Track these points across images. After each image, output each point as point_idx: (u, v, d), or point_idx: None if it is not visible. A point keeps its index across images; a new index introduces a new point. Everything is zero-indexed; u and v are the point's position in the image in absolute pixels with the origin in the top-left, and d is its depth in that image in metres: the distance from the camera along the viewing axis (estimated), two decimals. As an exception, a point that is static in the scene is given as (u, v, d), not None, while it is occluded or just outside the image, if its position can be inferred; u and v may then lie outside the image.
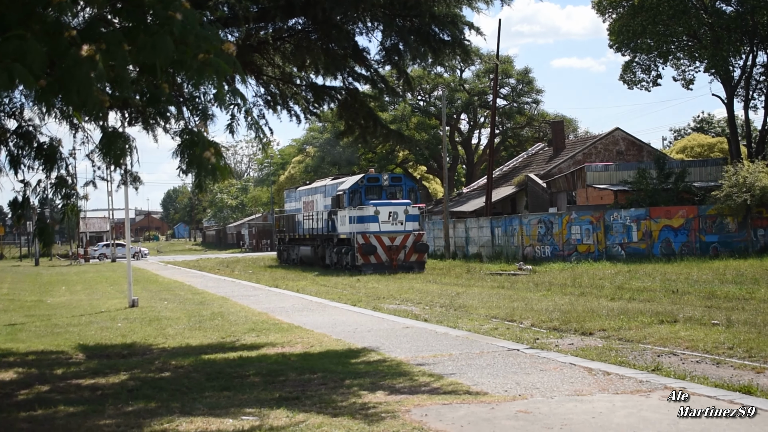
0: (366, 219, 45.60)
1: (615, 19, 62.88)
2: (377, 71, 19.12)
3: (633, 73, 65.90)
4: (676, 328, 18.65)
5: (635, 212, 46.69)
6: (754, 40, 61.23)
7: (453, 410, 11.47)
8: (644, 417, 10.84)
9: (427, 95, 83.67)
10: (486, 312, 24.04)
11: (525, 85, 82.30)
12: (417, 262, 45.50)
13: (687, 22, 59.45)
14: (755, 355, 15.17)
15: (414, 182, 50.40)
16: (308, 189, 58.42)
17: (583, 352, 16.45)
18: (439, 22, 17.62)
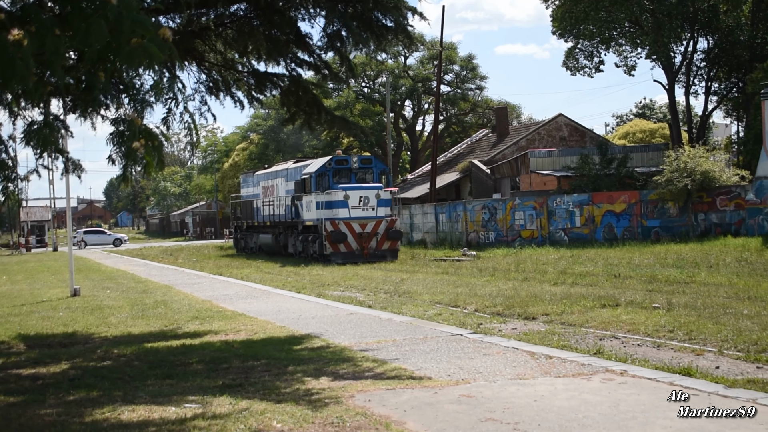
0: (335, 204, 42.65)
1: (558, 6, 63.19)
2: (320, 57, 19.06)
3: (576, 60, 66.31)
4: (617, 312, 18.80)
5: (578, 198, 46.98)
6: (695, 27, 61.81)
7: (396, 395, 11.50)
8: (585, 400, 10.94)
9: (371, 82, 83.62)
10: (430, 298, 24.11)
11: (469, 72, 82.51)
12: (390, 250, 42.77)
13: (629, 9, 59.89)
14: (695, 337, 15.34)
15: (385, 164, 46.37)
16: (267, 173, 55.80)
17: (526, 336, 16.55)
18: (381, 7, 17.58)
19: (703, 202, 45.26)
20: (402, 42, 18.57)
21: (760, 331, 15.31)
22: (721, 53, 63.54)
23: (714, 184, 44.61)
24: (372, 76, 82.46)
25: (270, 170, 55.75)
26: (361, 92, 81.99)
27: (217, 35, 18.75)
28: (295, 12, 17.93)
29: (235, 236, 63.25)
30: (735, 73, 64.75)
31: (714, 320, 16.84)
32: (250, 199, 58.28)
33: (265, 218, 54.23)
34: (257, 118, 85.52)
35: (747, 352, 13.71)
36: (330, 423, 10.14)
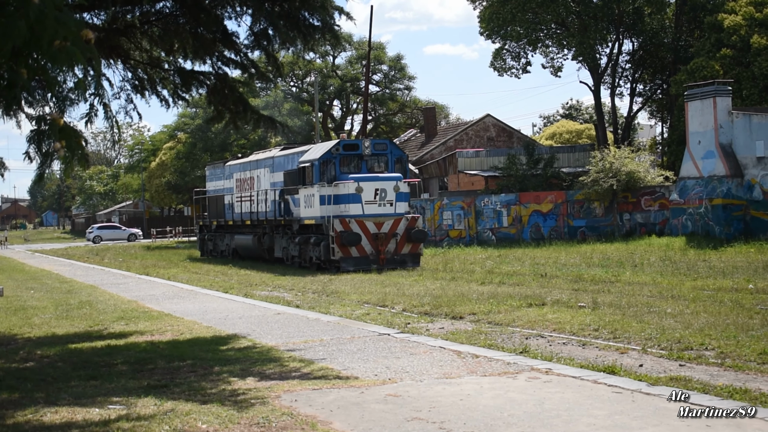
0: (345, 199, 34.81)
1: (485, 7, 63.50)
2: (247, 56, 18.97)
3: (503, 61, 66.67)
4: (544, 311, 18.94)
5: (505, 198, 47.31)
6: (620, 29, 62.54)
7: (323, 395, 11.48)
8: (511, 398, 11.01)
9: (299, 81, 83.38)
10: (358, 297, 24.12)
11: (397, 72, 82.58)
12: (411, 255, 35.05)
13: (555, 11, 60.37)
14: (619, 336, 15.50)
15: (402, 150, 38.36)
16: (244, 163, 47.19)
17: (453, 335, 16.62)
18: (308, 6, 17.55)
19: (628, 202, 45.81)
20: (329, 41, 18.59)
21: (682, 329, 15.51)
22: (645, 55, 64.37)
23: (639, 184, 45.20)
24: (300, 76, 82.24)
25: (247, 160, 47.35)
26: (290, 91, 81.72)
27: (143, 33, 18.57)
28: (222, 10, 17.82)
29: (201, 237, 54.03)
30: (659, 74, 65.65)
31: (638, 319, 17.03)
32: (220, 195, 49.97)
33: (241, 216, 45.96)
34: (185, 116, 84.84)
35: (670, 350, 13.89)
36: (256, 423, 10.10)
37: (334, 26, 18.00)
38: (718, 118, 39.59)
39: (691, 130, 41.27)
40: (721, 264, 28.64)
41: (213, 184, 52.40)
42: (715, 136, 39.63)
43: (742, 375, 12.00)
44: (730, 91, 40.78)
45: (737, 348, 13.46)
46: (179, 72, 19.32)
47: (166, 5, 18.19)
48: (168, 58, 19.99)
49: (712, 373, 12.23)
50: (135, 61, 19.38)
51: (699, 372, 12.30)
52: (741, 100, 48.01)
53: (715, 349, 13.64)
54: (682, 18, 61.17)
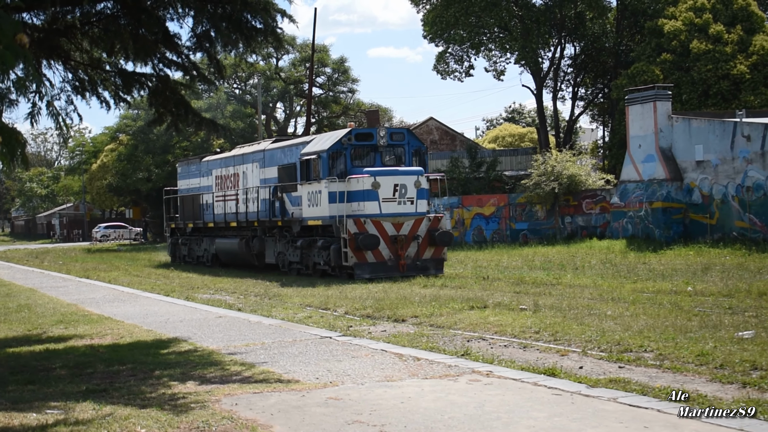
0: (359, 195, 30.52)
1: (429, 10, 63.68)
2: (189, 58, 18.87)
3: (446, 64, 66.88)
4: (485, 314, 19.00)
5: (448, 200, 47.43)
6: (562, 33, 63.05)
7: (264, 398, 11.45)
8: (452, 401, 11.04)
9: (242, 83, 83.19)
10: (300, 300, 24.07)
11: (341, 75, 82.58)
12: (433, 261, 30.79)
13: (498, 14, 60.69)
14: (560, 338, 15.60)
15: (421, 141, 33.86)
16: (226, 158, 42.32)
17: (395, 338, 16.63)
18: (251, 9, 17.50)
19: (570, 205, 46.16)
20: (271, 44, 18.55)
21: (622, 331, 15.63)
22: (587, 59, 64.95)
23: (580, 187, 45.57)
24: (243, 78, 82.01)
25: (230, 154, 42.52)
26: (233, 94, 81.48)
27: (84, 34, 18.40)
28: (164, 11, 17.71)
29: (172, 241, 48.08)
30: (600, 79, 66.26)
31: (579, 321, 17.15)
32: (195, 194, 44.82)
33: (225, 218, 40.71)
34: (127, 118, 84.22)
35: (610, 352, 13.99)
36: (195, 427, 10.04)
37: (277, 29, 17.98)
38: (659, 123, 39.99)
39: (632, 134, 41.65)
40: (660, 267, 28.93)
41: (186, 183, 47.06)
42: (656, 140, 40.03)
43: (680, 376, 12.12)
44: (670, 95, 41.22)
45: (676, 350, 13.58)
46: (120, 73, 19.18)
47: (107, 6, 18.03)
48: (109, 60, 19.82)
49: (650, 374, 12.34)
50: (75, 62, 19.20)
51: (638, 374, 12.40)
52: (681, 104, 48.54)
53: (654, 351, 13.76)
54: (623, 23, 61.81)
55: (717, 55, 49.47)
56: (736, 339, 14.26)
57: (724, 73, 49.26)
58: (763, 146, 35.51)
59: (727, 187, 37.31)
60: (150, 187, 79.83)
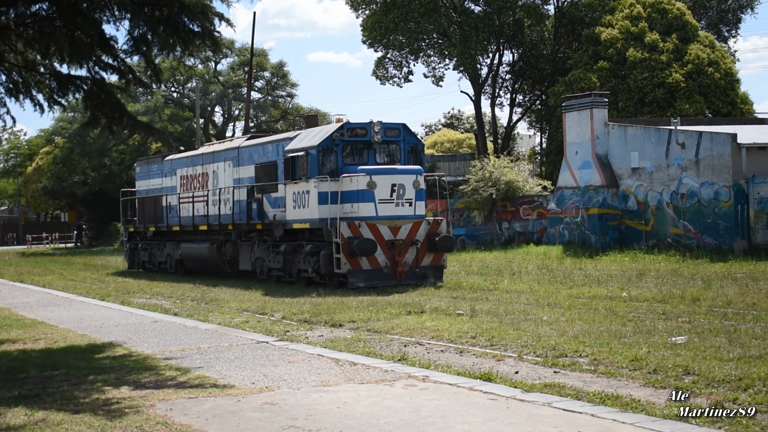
0: (353, 196, 27.93)
1: (368, 16, 63.72)
2: (125, 61, 18.72)
3: (385, 69, 66.95)
4: (422, 319, 19.05)
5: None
6: (501, 40, 63.42)
7: (199, 404, 11.38)
8: (388, 406, 11.04)
9: (181, 87, 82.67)
10: (238, 305, 23.98)
11: (280, 79, 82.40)
12: (432, 268, 28.47)
13: (437, 21, 60.92)
14: (496, 343, 15.66)
15: (417, 138, 31.36)
16: (193, 157, 39.33)
17: (332, 343, 16.62)
18: (189, 12, 17.39)
19: (507, 211, 46.41)
20: (209, 47, 18.43)
21: (558, 336, 15.74)
22: (525, 66, 65.41)
23: (518, 193, 45.82)
24: (182, 81, 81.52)
25: (198, 152, 39.70)
26: (171, 97, 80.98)
27: (18, 35, 18.19)
28: (100, 14, 17.55)
29: (130, 247, 44.33)
30: (538, 85, 66.80)
31: (515, 326, 17.24)
32: (157, 195, 41.74)
33: (193, 221, 37.46)
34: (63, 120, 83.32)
35: (545, 357, 14.07)
36: (129, 433, 9.96)
37: (214, 32, 17.88)
38: (595, 129, 40.35)
39: (569, 141, 41.99)
40: (596, 272, 29.18)
41: (146, 183, 43.74)
42: (592, 146, 40.38)
43: (615, 381, 12.22)
44: (606, 102, 41.60)
45: (610, 355, 13.70)
46: (55, 76, 18.98)
47: (42, 7, 17.83)
48: (44, 62, 19.62)
49: (585, 379, 12.43)
50: (9, 64, 18.98)
51: (573, 378, 12.49)
52: (617, 111, 49.09)
53: (588, 356, 13.87)
54: (560, 30, 62.36)
55: (653, 64, 50.11)
56: (670, 344, 14.42)
57: (659, 82, 49.90)
58: (698, 154, 35.95)
59: (662, 194, 37.72)
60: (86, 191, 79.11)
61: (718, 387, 11.30)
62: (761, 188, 33.72)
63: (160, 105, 77.17)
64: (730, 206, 34.52)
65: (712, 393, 10.99)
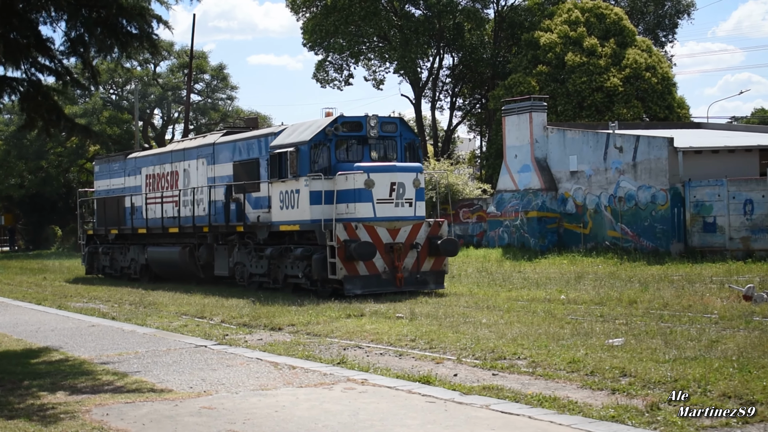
0: (349, 196, 25.80)
1: (309, 19, 63.72)
2: (62, 63, 18.53)
3: (326, 72, 67.01)
4: (362, 322, 19.05)
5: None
6: (441, 44, 63.69)
7: (136, 408, 11.29)
8: (326, 409, 11.03)
9: (119, 89, 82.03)
10: (176, 309, 23.82)
11: (220, 81, 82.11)
12: (433, 273, 26.27)
13: (377, 24, 61.07)
14: (435, 346, 15.70)
15: (414, 133, 29.39)
16: (160, 155, 36.79)
17: (271, 347, 16.57)
18: (126, 14, 17.26)
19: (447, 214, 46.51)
20: (147, 50, 18.29)
21: (496, 339, 15.81)
22: (465, 70, 65.77)
23: (458, 196, 45.99)
24: (120, 83, 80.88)
25: (166, 150, 37.28)
26: (109, 99, 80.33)
27: (-48, 36, 17.95)
28: (36, 15, 17.38)
29: (90, 251, 40.98)
30: (478, 89, 67.17)
31: (454, 329, 17.28)
32: (119, 195, 38.92)
33: (162, 222, 34.75)
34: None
35: (484, 360, 14.13)
36: (65, 439, 9.86)
37: (152, 35, 17.76)
38: (534, 133, 40.63)
39: (508, 144, 42.24)
40: (535, 275, 29.37)
41: (107, 183, 40.69)
42: (531, 150, 40.65)
43: (552, 383, 12.29)
44: (545, 106, 41.92)
45: (548, 357, 13.78)
46: (-10, 77, 18.74)
47: (-23, 8, 17.61)
48: (-22, 63, 19.37)
49: (523, 381, 12.50)
50: (-57, 65, 18.71)
51: (511, 381, 12.55)
52: (556, 115, 49.47)
53: (527, 359, 13.94)
54: (500, 34, 62.79)
55: (591, 68, 50.61)
56: (607, 346, 14.53)
57: (598, 86, 50.40)
58: (635, 157, 36.33)
59: (600, 198, 38.07)
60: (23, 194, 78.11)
61: (654, 388, 11.42)
62: (697, 192, 34.14)
63: (98, 107, 76.47)
64: (667, 209, 34.92)
65: (648, 394, 11.10)
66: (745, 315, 17.84)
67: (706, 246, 33.72)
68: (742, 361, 12.47)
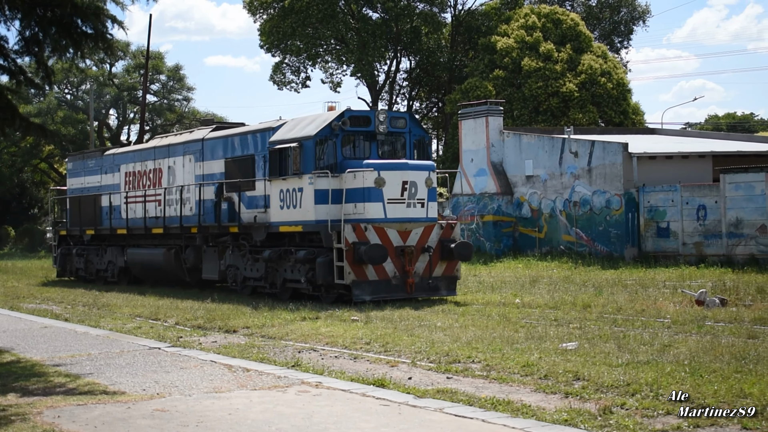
0: (358, 195, 24.09)
1: (266, 20, 63.62)
2: (16, 62, 18.37)
3: (283, 74, 66.96)
4: (317, 325, 19.03)
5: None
6: (398, 47, 63.80)
7: (88, 411, 11.20)
8: (280, 412, 11.00)
9: (75, 89, 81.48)
10: (130, 311, 23.67)
11: (176, 82, 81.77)
12: (445, 279, 24.71)
13: (335, 27, 61.12)
14: (390, 349, 15.70)
15: (424, 130, 27.84)
16: (141, 151, 34.70)
17: (225, 349, 16.51)
18: (82, 13, 17.15)
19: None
20: (102, 50, 18.18)
21: (451, 342, 15.83)
22: (422, 74, 65.93)
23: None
24: (75, 83, 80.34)
25: (148, 146, 34.87)
26: (64, 99, 79.76)
27: None
28: (-10, 14, 17.22)
29: (62, 252, 38.83)
30: (435, 93, 67.37)
31: (409, 332, 17.30)
32: (95, 194, 36.70)
33: (143, 222, 32.59)
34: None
35: (438, 363, 14.14)
36: (15, 441, 9.77)
37: (108, 35, 17.65)
38: (490, 137, 40.79)
39: (465, 148, 42.37)
40: (490, 279, 29.47)
41: (80, 181, 38.53)
42: (487, 154, 40.81)
43: (506, 387, 12.33)
44: (501, 111, 42.10)
45: (502, 360, 13.82)
46: (-58, 76, 18.57)
47: (-71, 6, 17.43)
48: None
49: (477, 385, 12.52)
50: None
51: (465, 384, 12.57)
52: (512, 120, 49.72)
53: (481, 362, 13.97)
54: (457, 39, 62.99)
55: (547, 73, 50.93)
56: (561, 350, 14.61)
57: (553, 91, 50.71)
58: (590, 162, 36.57)
59: (555, 202, 38.30)
60: (-25, 194, 77.41)
61: (606, 392, 11.48)
62: (651, 197, 34.42)
63: (53, 107, 75.90)
64: (621, 214, 35.18)
65: (601, 398, 11.16)
66: (697, 320, 18.00)
67: (660, 251, 34.02)
68: (693, 366, 12.57)
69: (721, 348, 14.03)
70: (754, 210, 31.36)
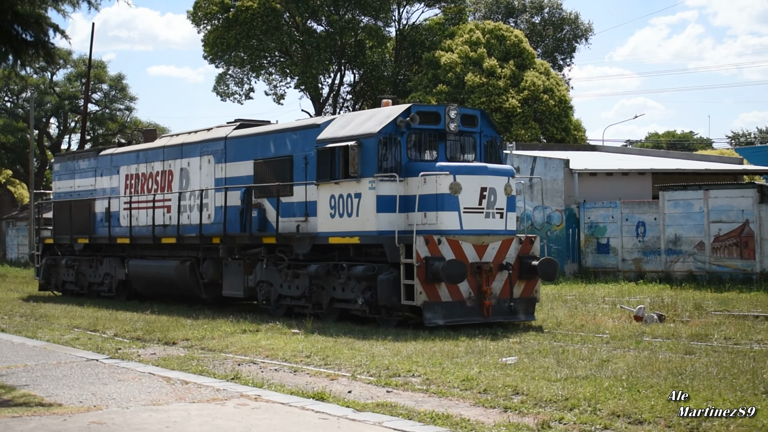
0: (430, 202, 20.72)
1: (210, 31, 63.36)
2: (-45, 68, 18.19)
3: (226, 86, 66.72)
4: (258, 338, 18.96)
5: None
6: (342, 60, 63.85)
7: (23, 423, 11.06)
8: (218, 425, 10.94)
9: (15, 96, 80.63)
10: (68, 322, 23.42)
11: (118, 92, 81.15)
12: (524, 301, 21.49)
13: (279, 39, 61.05)
14: (330, 362, 15.68)
15: (496, 130, 24.23)
16: (146, 151, 30.51)
17: (164, 361, 16.39)
18: (22, 21, 17.00)
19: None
20: (43, 58, 18.05)
21: (391, 356, 15.84)
22: (366, 87, 66.00)
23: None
24: (16, 91, 79.51)
25: (155, 145, 30.53)
26: (4, 107, 78.92)
27: None
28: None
29: (48, 263, 34.60)
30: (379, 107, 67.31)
31: (349, 346, 17.29)
32: (90, 198, 32.80)
33: (151, 231, 28.81)
34: None
35: (379, 377, 14.14)
36: (-52, 454, 9.62)
37: (48, 43, 17.53)
38: (433, 152, 40.84)
39: (407, 162, 42.37)
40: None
41: (68, 184, 34.61)
42: (430, 168, 40.84)
43: (446, 401, 12.35)
44: (444, 125, 42.13)
45: (442, 375, 13.85)
46: None
47: None
48: None
49: (417, 399, 12.53)
50: None
51: (405, 398, 12.58)
52: (455, 134, 49.80)
53: (421, 376, 13.99)
54: (401, 53, 63.18)
55: (490, 89, 51.24)
56: (500, 365, 14.66)
57: (497, 106, 51.02)
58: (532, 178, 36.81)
59: (497, 217, 38.39)
60: None
61: (545, 407, 11.54)
62: (592, 213, 34.72)
63: (-8, 115, 75.16)
64: (562, 230, 35.44)
65: (539, 412, 11.21)
66: (635, 335, 18.18)
67: (600, 267, 34.30)
68: (631, 381, 12.67)
69: (659, 363, 14.16)
70: (692, 227, 31.73)
